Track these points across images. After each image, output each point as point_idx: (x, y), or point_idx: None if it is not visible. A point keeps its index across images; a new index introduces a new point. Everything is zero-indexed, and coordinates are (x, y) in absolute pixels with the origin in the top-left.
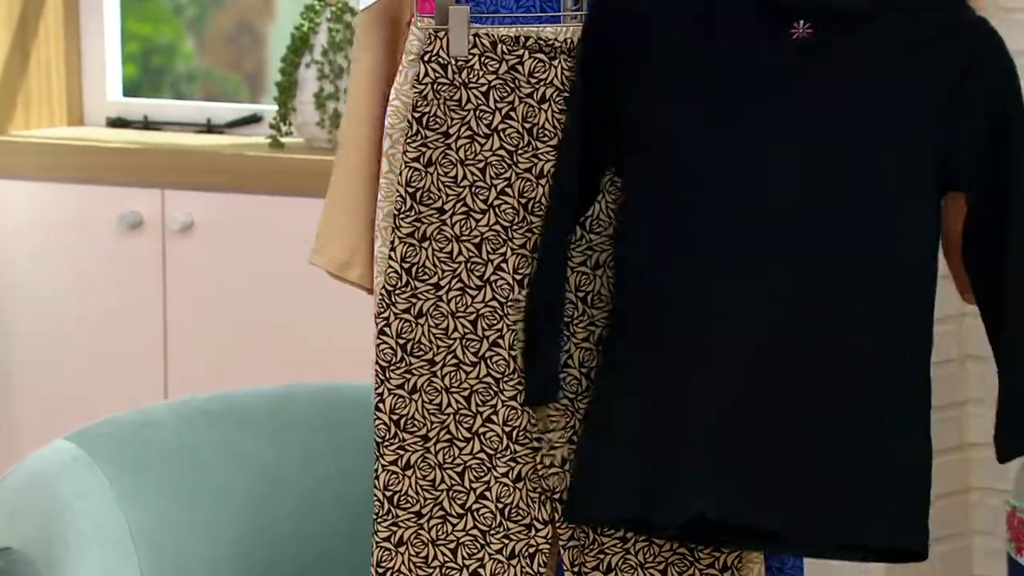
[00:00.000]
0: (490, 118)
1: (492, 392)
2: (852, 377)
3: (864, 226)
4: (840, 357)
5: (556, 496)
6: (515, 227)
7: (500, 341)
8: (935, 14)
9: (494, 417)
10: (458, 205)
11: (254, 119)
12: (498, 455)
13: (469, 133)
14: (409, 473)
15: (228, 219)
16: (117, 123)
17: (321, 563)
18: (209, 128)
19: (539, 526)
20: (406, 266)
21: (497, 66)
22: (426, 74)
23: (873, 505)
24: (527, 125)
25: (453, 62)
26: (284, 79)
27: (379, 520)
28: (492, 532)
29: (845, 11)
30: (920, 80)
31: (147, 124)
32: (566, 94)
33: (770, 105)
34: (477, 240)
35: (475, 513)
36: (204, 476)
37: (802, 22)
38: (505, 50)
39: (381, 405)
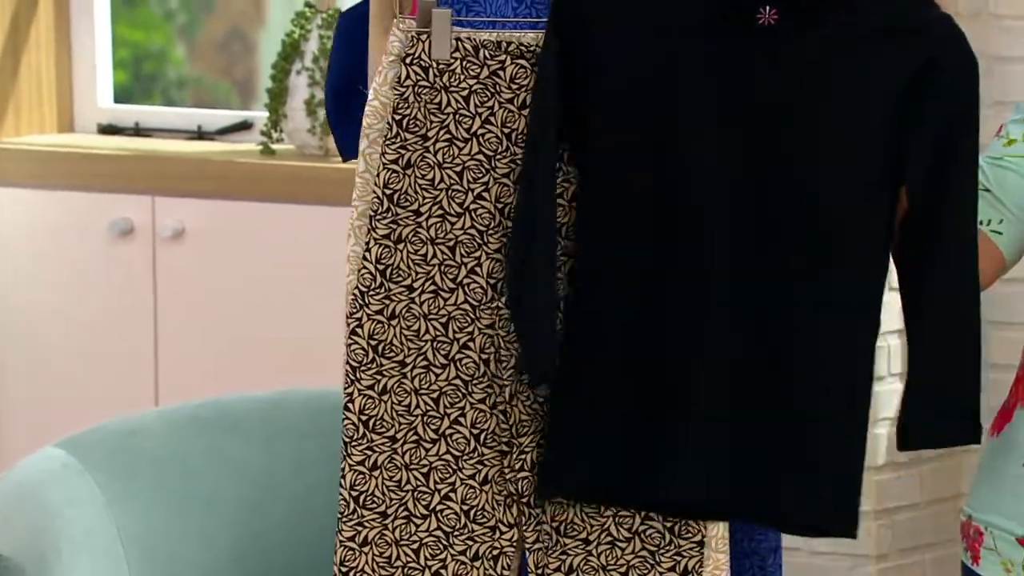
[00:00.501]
0: (469, 122)
1: (460, 394)
2: (796, 361)
3: (820, 216)
4: (785, 342)
5: (524, 500)
6: (490, 231)
7: (470, 344)
8: (902, 8)
9: (462, 419)
10: (434, 208)
11: (245, 126)
12: (465, 457)
13: (448, 137)
14: (376, 473)
15: (219, 226)
16: (108, 130)
17: (313, 570)
18: (200, 135)
19: (504, 528)
20: (381, 267)
21: (478, 71)
22: (407, 76)
23: (809, 485)
24: (506, 130)
25: (434, 65)
26: (275, 86)
27: (344, 519)
28: (456, 533)
29: None
30: (882, 72)
31: (138, 131)
32: None
33: (734, 88)
34: (451, 243)
35: (439, 514)
36: (195, 483)
37: (768, 8)
38: (487, 55)
39: (351, 405)
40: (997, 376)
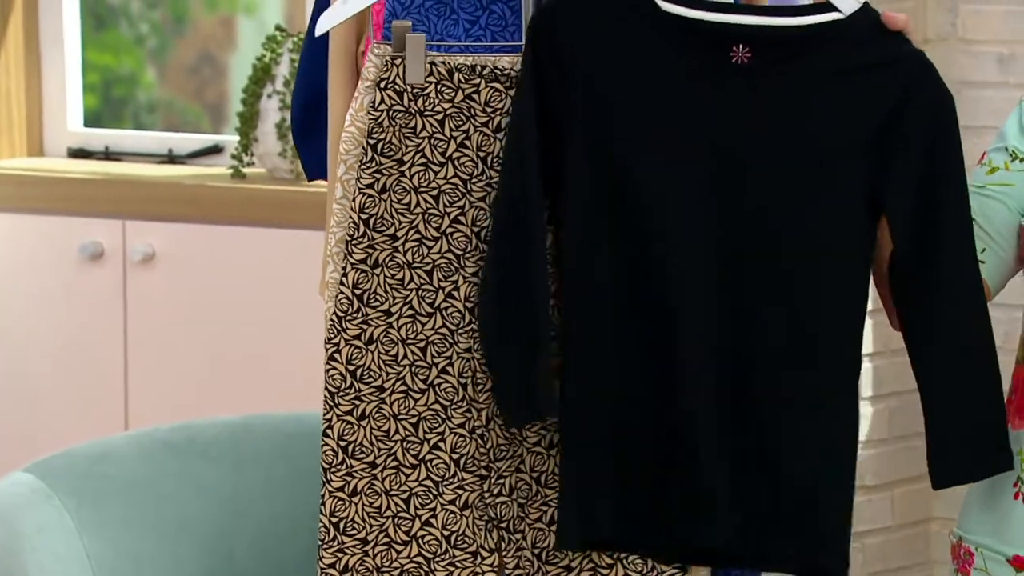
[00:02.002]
0: (445, 146)
1: (440, 419)
2: (780, 400)
3: (795, 252)
4: (768, 382)
5: (503, 525)
6: (467, 255)
7: (449, 369)
8: (874, 45)
9: (441, 444)
10: (411, 232)
11: (216, 149)
12: (445, 482)
13: (423, 161)
14: (356, 500)
15: (189, 249)
16: (78, 154)
17: None
18: (171, 158)
19: (485, 554)
20: (357, 292)
21: (453, 94)
22: (382, 101)
23: (798, 525)
24: (481, 154)
25: (409, 89)
26: (246, 109)
27: (324, 547)
28: (437, 559)
29: (784, 37)
30: (856, 108)
31: (108, 154)
32: None
33: (708, 126)
34: (429, 267)
35: (420, 540)
36: (165, 508)
37: (741, 46)
38: (461, 79)
39: (329, 431)
40: None
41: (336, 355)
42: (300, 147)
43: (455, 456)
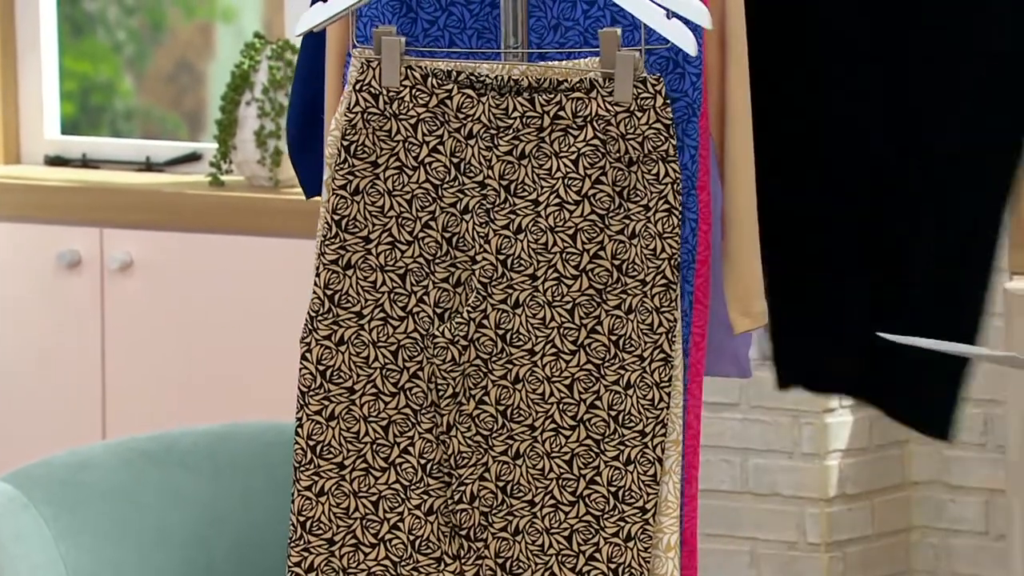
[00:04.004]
0: (418, 151)
1: (410, 424)
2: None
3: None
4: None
5: (463, 532)
6: (437, 261)
7: (420, 373)
8: None
9: (411, 449)
10: (384, 235)
11: (194, 157)
12: (412, 487)
13: (398, 164)
14: (323, 500)
15: (167, 257)
16: (55, 161)
17: None
18: (148, 166)
19: (448, 561)
20: (329, 293)
21: (427, 99)
22: (356, 103)
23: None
24: (454, 160)
25: (384, 92)
26: (224, 117)
27: (291, 545)
28: (403, 564)
29: None
30: None
31: (86, 162)
32: (492, 130)
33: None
34: (402, 271)
35: (388, 543)
36: (143, 517)
37: None
38: (435, 83)
39: (299, 431)
40: None
41: (307, 355)
42: (297, 164)
43: (423, 461)
